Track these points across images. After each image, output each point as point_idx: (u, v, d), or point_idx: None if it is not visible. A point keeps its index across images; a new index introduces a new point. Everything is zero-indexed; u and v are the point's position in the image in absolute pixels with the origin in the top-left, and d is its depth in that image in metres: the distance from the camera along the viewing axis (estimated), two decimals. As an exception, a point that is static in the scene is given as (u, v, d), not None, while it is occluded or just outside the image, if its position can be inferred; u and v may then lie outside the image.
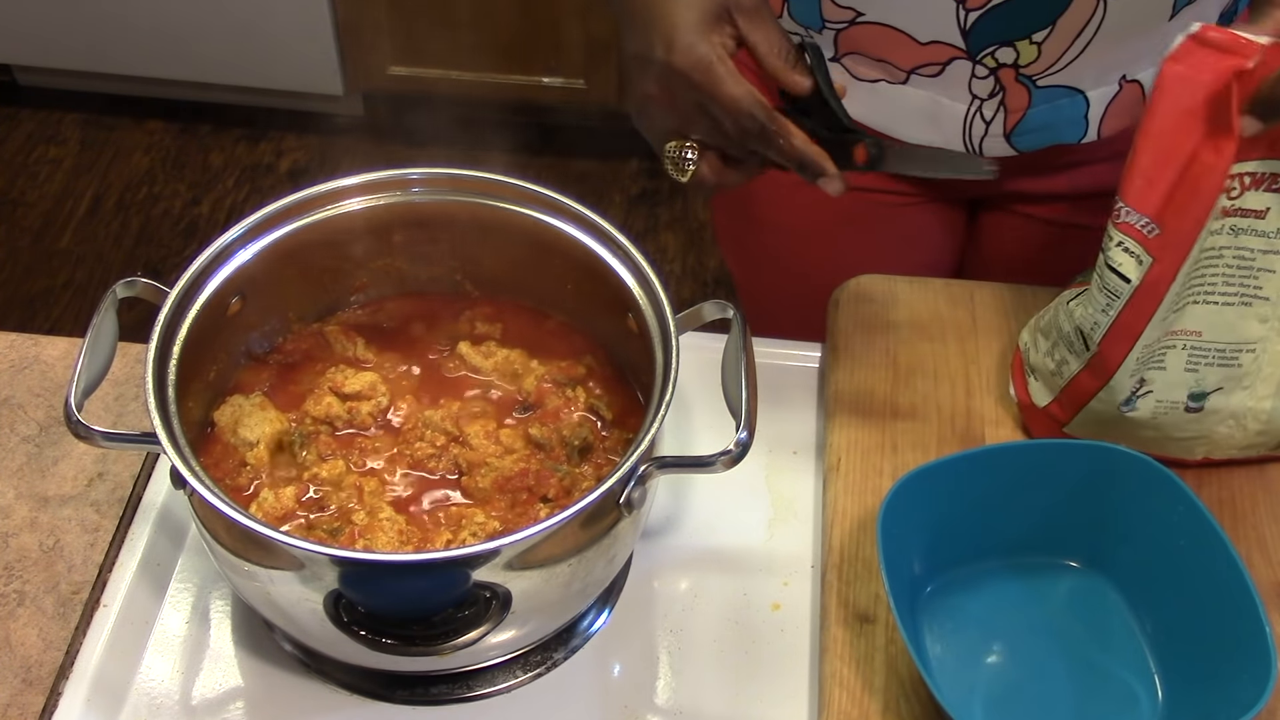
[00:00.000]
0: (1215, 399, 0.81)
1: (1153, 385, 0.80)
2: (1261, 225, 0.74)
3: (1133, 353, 0.78)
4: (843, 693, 0.76)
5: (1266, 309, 0.77)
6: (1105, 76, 0.94)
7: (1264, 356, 0.79)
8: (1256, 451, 0.85)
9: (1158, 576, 0.79)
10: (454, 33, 2.29)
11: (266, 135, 2.55)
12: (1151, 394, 0.80)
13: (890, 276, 0.99)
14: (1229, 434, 0.83)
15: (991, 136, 0.97)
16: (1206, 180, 0.72)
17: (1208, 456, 0.85)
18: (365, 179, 0.82)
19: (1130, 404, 0.81)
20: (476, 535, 0.76)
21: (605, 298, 0.81)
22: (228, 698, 0.78)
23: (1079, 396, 0.82)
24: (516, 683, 0.79)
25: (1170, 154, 0.72)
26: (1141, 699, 0.77)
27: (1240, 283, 0.76)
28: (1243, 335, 0.78)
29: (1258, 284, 0.76)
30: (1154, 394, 0.80)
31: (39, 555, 0.82)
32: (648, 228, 2.37)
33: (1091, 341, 0.80)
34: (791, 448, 0.91)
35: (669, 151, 0.80)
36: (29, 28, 2.40)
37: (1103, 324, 0.78)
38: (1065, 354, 0.82)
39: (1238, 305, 0.77)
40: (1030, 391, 0.86)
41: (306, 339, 0.87)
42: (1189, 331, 0.78)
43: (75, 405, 0.70)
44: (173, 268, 2.29)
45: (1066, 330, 0.82)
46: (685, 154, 0.79)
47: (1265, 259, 0.75)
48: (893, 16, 0.91)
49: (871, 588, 0.81)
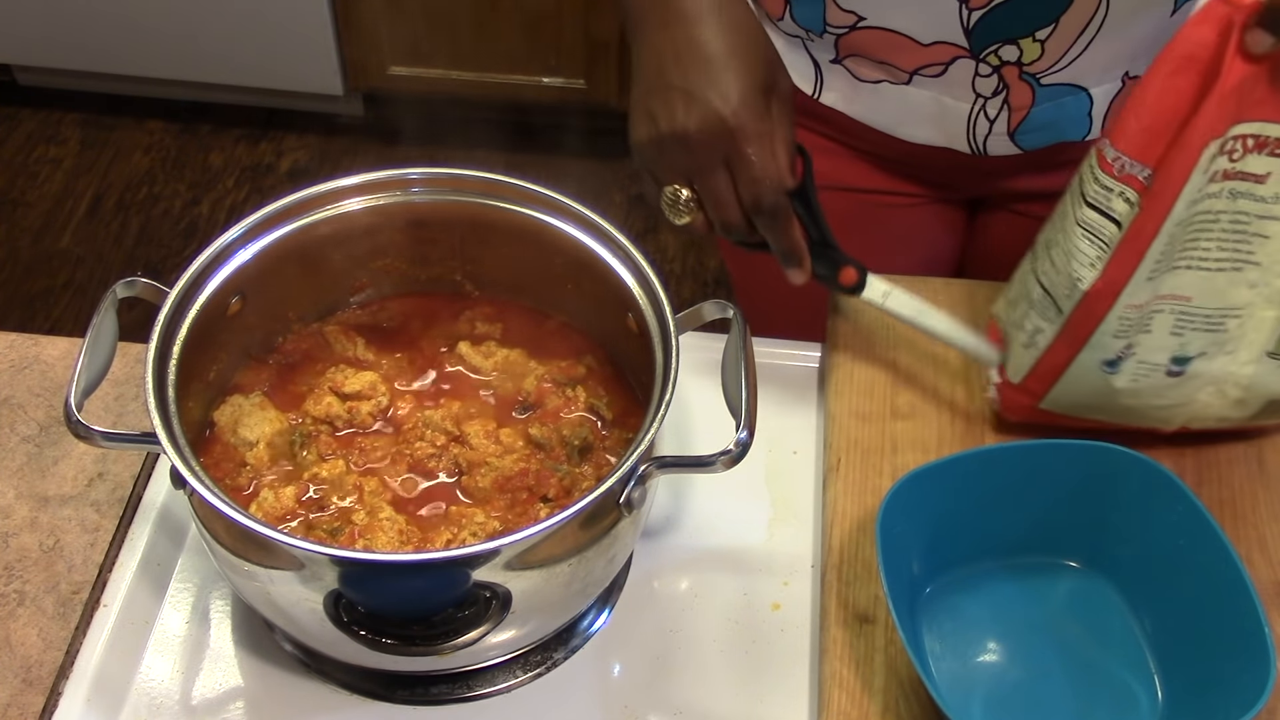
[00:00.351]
0: (1198, 364, 0.80)
1: (1137, 348, 0.79)
2: (1260, 190, 0.73)
3: (1115, 308, 0.76)
4: (842, 693, 0.76)
5: (1256, 274, 0.76)
6: (1109, 74, 0.94)
7: (1249, 322, 0.79)
8: (1232, 424, 0.84)
9: (1158, 576, 0.79)
10: (454, 32, 2.29)
11: (266, 135, 2.55)
12: (1134, 356, 0.80)
13: (892, 277, 0.98)
14: (1208, 402, 0.83)
15: (995, 135, 0.97)
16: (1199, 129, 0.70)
17: (1186, 426, 0.84)
18: (365, 179, 0.82)
19: (1115, 366, 0.80)
20: (476, 535, 0.76)
21: (605, 298, 0.81)
22: (228, 698, 0.78)
23: (1054, 367, 0.81)
24: (516, 683, 0.79)
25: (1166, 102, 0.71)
26: (1141, 699, 0.77)
27: (1234, 248, 0.75)
28: (1231, 301, 0.77)
29: (1250, 249, 0.75)
30: (1136, 355, 0.80)
31: (39, 555, 0.82)
32: (648, 228, 2.37)
33: (1066, 302, 0.78)
34: (791, 448, 0.91)
35: (671, 193, 0.81)
36: (29, 28, 2.40)
37: (1088, 278, 0.76)
38: (1038, 321, 0.81)
39: (1229, 271, 0.76)
40: (1007, 367, 0.85)
41: (306, 339, 0.87)
42: (1179, 296, 0.77)
43: (75, 405, 0.70)
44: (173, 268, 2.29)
45: (1036, 296, 0.81)
46: (688, 199, 0.81)
47: (1260, 224, 0.74)
48: (895, 20, 0.91)
49: (871, 588, 0.81)
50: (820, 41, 0.97)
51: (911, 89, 0.96)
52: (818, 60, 0.99)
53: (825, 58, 0.98)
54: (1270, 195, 0.74)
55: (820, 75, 1.00)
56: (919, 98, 0.96)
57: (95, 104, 2.57)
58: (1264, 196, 0.74)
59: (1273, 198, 0.74)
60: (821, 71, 0.99)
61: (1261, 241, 0.75)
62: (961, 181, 1.07)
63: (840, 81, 0.99)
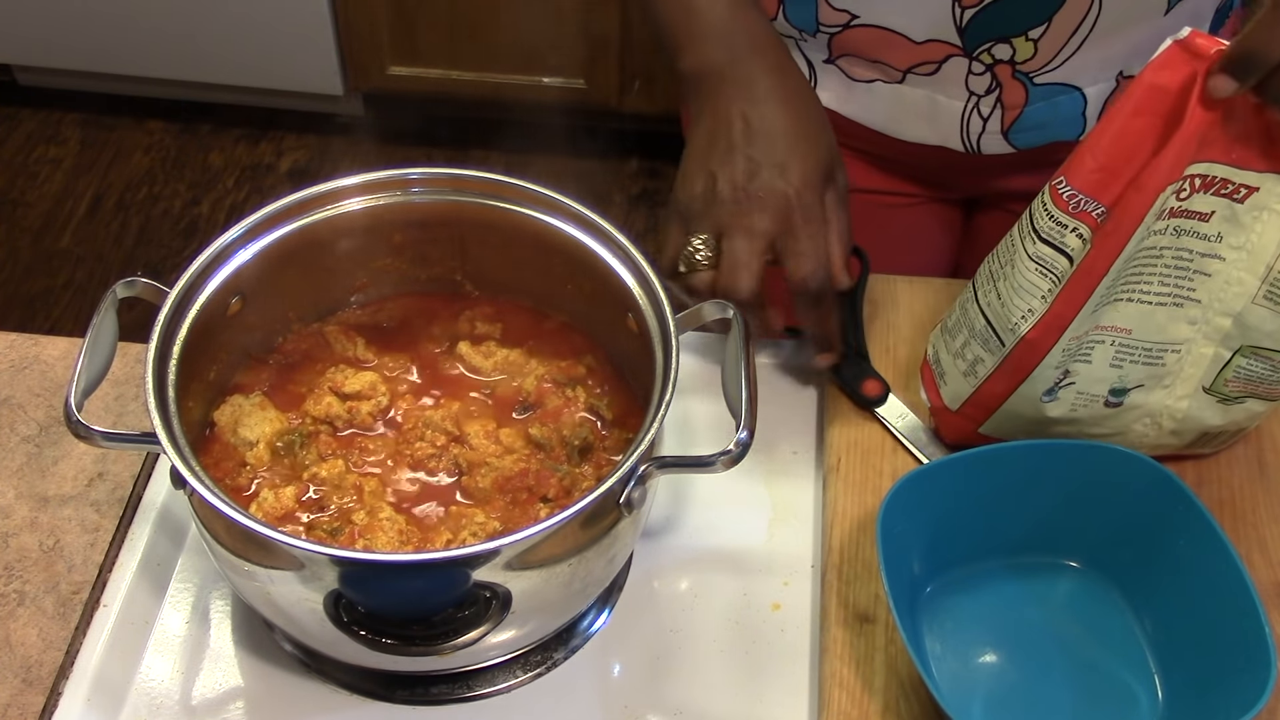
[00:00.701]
0: (1135, 395, 0.81)
1: (1076, 378, 0.80)
2: (1204, 228, 0.74)
3: (1059, 342, 0.77)
4: (843, 693, 0.76)
5: (1196, 311, 0.77)
6: (1103, 73, 0.94)
7: (1187, 358, 0.79)
8: (1166, 450, 0.85)
9: (1158, 576, 0.79)
10: (454, 33, 2.29)
11: (266, 135, 2.55)
12: (1073, 386, 0.80)
13: (890, 276, 0.99)
14: (1144, 432, 0.83)
15: (989, 134, 0.97)
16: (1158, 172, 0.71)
17: None
18: (365, 179, 0.82)
19: (1052, 394, 0.80)
20: (476, 535, 0.76)
21: (605, 298, 0.81)
22: (228, 698, 0.78)
23: (996, 395, 0.82)
24: (516, 683, 0.79)
25: (1125, 143, 0.71)
26: (1141, 699, 0.77)
27: (1175, 283, 0.76)
28: (1171, 336, 0.78)
29: (1191, 286, 0.76)
30: (1076, 386, 0.80)
31: (39, 555, 0.82)
32: (648, 228, 2.37)
33: (1009, 335, 0.79)
34: (791, 448, 0.91)
35: (698, 243, 0.82)
36: (29, 28, 2.40)
37: (1038, 310, 0.76)
38: (979, 351, 0.81)
39: (1170, 306, 0.77)
40: (943, 395, 0.86)
41: (306, 339, 0.87)
42: (1119, 329, 0.77)
43: (75, 405, 0.70)
44: (173, 268, 2.29)
45: (979, 328, 0.81)
46: (707, 256, 0.82)
47: (1202, 261, 0.75)
48: (888, 18, 0.91)
49: (871, 588, 0.81)
50: (813, 41, 0.97)
51: (905, 88, 0.96)
52: (811, 60, 0.99)
53: (818, 58, 0.99)
54: (1213, 234, 0.74)
55: (814, 75, 1.00)
56: (913, 96, 0.96)
57: (95, 104, 2.57)
58: (1207, 235, 0.74)
59: (1215, 236, 0.74)
60: (815, 72, 1.00)
61: (1204, 279, 0.76)
62: (956, 181, 1.07)
63: (834, 81, 0.99)
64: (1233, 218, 0.73)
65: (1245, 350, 0.78)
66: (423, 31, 2.30)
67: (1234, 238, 0.74)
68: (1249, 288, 0.75)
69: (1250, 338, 0.78)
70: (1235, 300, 0.76)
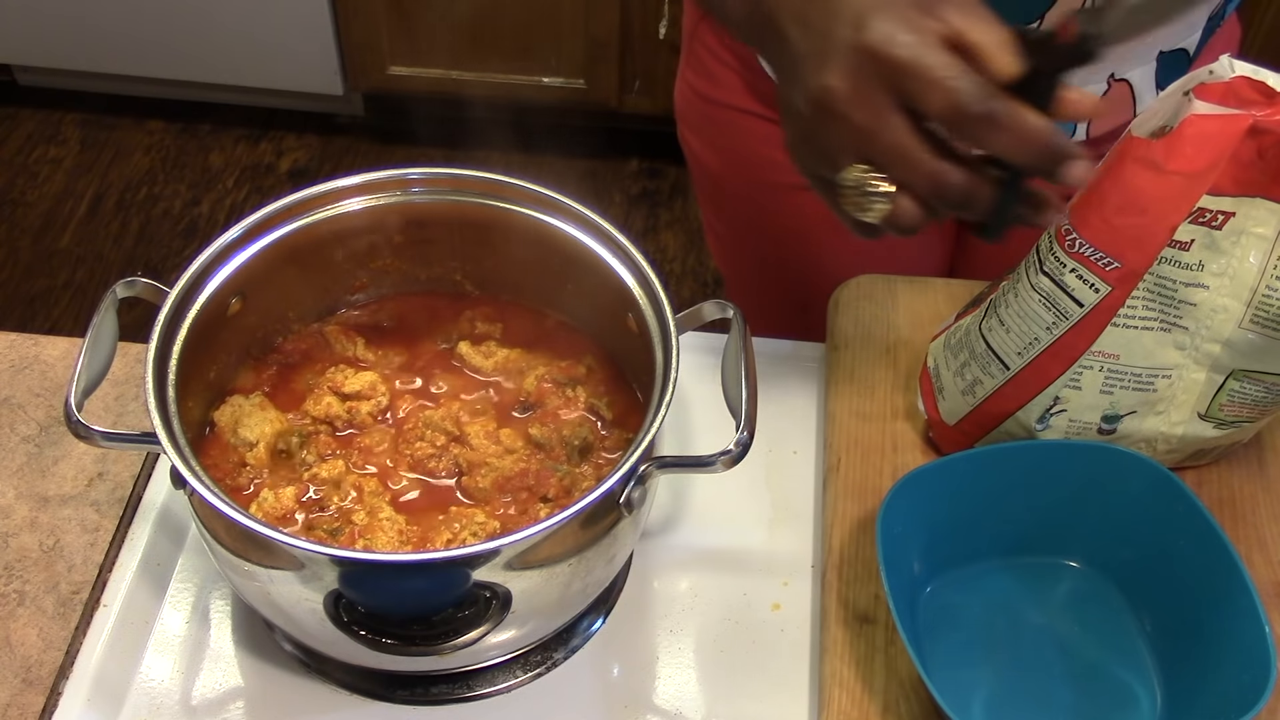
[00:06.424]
0: (1129, 422, 0.81)
1: (1067, 405, 0.80)
2: (1185, 257, 0.74)
3: (1065, 373, 0.78)
4: (843, 693, 0.76)
5: (1185, 338, 0.77)
6: (1093, 75, 0.94)
7: (1179, 383, 0.79)
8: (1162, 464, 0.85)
9: (1158, 576, 0.79)
10: (454, 33, 2.29)
11: (266, 135, 2.55)
12: (1065, 413, 0.80)
13: (890, 276, 0.99)
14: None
15: None
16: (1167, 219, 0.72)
17: None
18: (365, 179, 0.82)
19: (1044, 422, 0.81)
20: (476, 535, 0.76)
21: (605, 298, 0.81)
22: (228, 698, 0.78)
23: (993, 415, 0.82)
24: (516, 683, 0.79)
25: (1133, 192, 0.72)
26: (1141, 699, 0.77)
27: (1160, 309, 0.76)
28: (1159, 361, 0.78)
29: (1178, 314, 0.76)
30: (1067, 413, 0.80)
31: (39, 555, 0.82)
32: (648, 228, 2.37)
33: (1013, 361, 0.79)
34: (791, 448, 0.91)
35: (851, 179, 0.64)
36: (29, 28, 2.40)
37: (1044, 341, 0.77)
38: (978, 373, 0.82)
39: (1157, 331, 0.77)
40: (940, 410, 0.86)
41: (306, 339, 0.87)
42: (1106, 354, 0.77)
43: (75, 405, 0.70)
44: (173, 268, 2.30)
45: (979, 351, 0.82)
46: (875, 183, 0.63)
47: (1186, 291, 0.75)
48: None
49: (871, 588, 0.81)
50: None
51: None
52: None
53: None
54: (1194, 263, 0.74)
55: None
56: None
57: (95, 104, 2.57)
58: (1189, 264, 0.74)
59: (1197, 265, 0.74)
60: None
61: (1189, 308, 0.76)
62: None
63: None
64: (1212, 244, 0.73)
65: (1238, 374, 0.78)
66: (423, 31, 2.31)
67: (1215, 264, 0.74)
68: (1234, 314, 0.75)
69: (1241, 362, 0.77)
70: (1222, 327, 0.76)
